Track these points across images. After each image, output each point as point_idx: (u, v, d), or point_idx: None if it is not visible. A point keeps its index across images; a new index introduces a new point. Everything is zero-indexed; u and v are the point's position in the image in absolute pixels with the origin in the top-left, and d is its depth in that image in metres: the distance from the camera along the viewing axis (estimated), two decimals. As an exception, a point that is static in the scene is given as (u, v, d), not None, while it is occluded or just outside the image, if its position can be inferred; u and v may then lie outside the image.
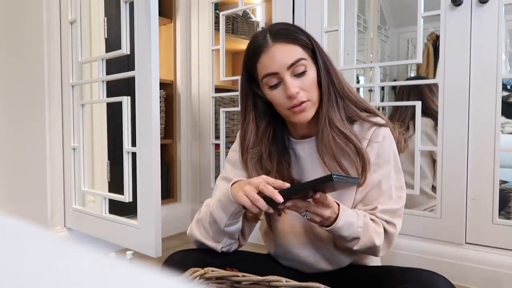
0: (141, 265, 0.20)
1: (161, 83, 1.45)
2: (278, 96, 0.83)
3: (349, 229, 0.77)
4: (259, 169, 0.88)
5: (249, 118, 0.89)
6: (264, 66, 0.82)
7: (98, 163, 1.83)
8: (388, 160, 0.85)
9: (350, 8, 1.70)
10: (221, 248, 0.86)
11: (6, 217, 0.26)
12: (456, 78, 1.34)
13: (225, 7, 2.26)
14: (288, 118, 0.86)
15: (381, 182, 0.83)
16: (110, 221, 1.46)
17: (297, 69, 0.81)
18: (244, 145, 0.90)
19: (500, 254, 1.29)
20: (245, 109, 0.90)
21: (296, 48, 0.82)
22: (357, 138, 0.84)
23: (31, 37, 1.62)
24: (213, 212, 0.82)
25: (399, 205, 0.84)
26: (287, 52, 0.81)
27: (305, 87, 0.82)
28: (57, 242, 0.23)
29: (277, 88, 0.82)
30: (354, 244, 0.80)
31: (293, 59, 0.80)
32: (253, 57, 0.84)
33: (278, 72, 0.81)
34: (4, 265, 0.19)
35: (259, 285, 0.69)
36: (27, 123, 1.68)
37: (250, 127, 0.88)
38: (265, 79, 0.83)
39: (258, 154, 0.88)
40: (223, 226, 0.81)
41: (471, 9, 1.31)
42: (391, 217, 0.82)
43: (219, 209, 0.81)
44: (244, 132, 0.90)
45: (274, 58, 0.81)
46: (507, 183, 1.87)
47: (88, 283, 0.17)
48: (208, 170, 2.01)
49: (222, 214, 0.81)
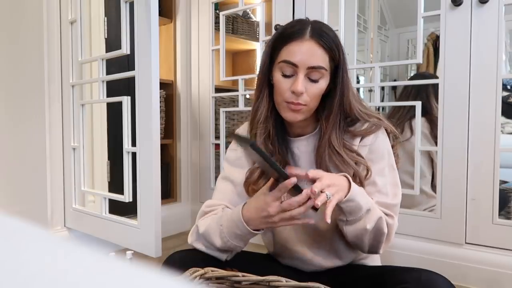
0: (141, 265, 0.20)
1: (161, 83, 1.45)
2: (284, 85, 0.83)
3: (363, 197, 0.76)
4: (266, 147, 0.89)
5: (264, 94, 0.89)
6: (289, 53, 0.82)
7: (98, 163, 1.83)
8: (382, 156, 0.85)
9: (350, 8, 1.70)
10: (225, 258, 0.86)
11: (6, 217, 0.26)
12: (456, 78, 1.34)
13: (225, 7, 2.26)
14: (280, 110, 0.87)
15: (375, 179, 0.84)
16: (110, 221, 1.46)
17: (313, 74, 0.81)
18: (255, 120, 0.89)
19: (500, 254, 1.29)
20: (261, 85, 0.90)
21: (324, 55, 0.82)
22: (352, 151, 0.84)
23: (31, 37, 1.62)
24: (228, 243, 0.81)
25: (395, 201, 0.84)
26: (316, 54, 0.81)
27: (310, 93, 0.82)
28: (57, 242, 0.23)
29: (287, 78, 0.83)
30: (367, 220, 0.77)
31: (317, 63, 0.81)
32: (284, 39, 0.83)
33: (298, 66, 0.81)
34: (4, 265, 0.19)
35: (259, 285, 0.69)
36: (27, 123, 1.68)
37: (264, 104, 0.89)
38: (282, 64, 0.83)
39: (266, 130, 0.89)
40: (240, 250, 0.84)
41: (471, 9, 1.31)
42: (389, 210, 0.82)
43: (237, 240, 0.81)
44: (257, 107, 0.89)
45: (302, 51, 0.81)
46: (507, 183, 1.87)
47: (88, 283, 0.17)
48: (208, 170, 2.01)
49: (240, 243, 0.82)
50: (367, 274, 0.86)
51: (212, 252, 0.84)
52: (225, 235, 0.81)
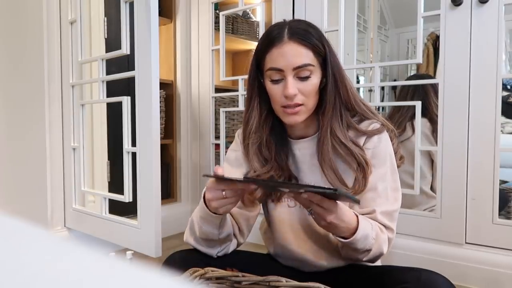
0: (141, 265, 0.20)
1: (161, 83, 1.45)
2: (276, 92, 0.83)
3: (364, 242, 0.76)
4: (259, 155, 0.89)
5: (254, 104, 0.89)
6: (272, 60, 0.82)
7: (98, 163, 1.82)
8: (384, 161, 0.85)
9: (350, 8, 1.70)
10: (216, 254, 0.87)
11: (6, 216, 0.26)
12: (456, 78, 1.34)
13: (225, 7, 2.26)
14: (279, 116, 0.87)
15: (377, 184, 0.83)
16: (110, 221, 1.46)
17: (302, 72, 0.81)
18: (247, 130, 0.90)
19: (500, 254, 1.29)
20: (250, 95, 0.90)
21: (307, 52, 0.81)
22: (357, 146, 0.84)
23: (31, 37, 1.62)
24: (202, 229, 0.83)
25: (395, 206, 0.84)
26: (298, 54, 0.80)
27: (304, 91, 0.82)
28: (57, 242, 0.23)
29: (278, 84, 0.83)
30: (364, 256, 0.79)
31: (301, 62, 0.80)
32: (265, 47, 0.84)
33: (283, 70, 0.81)
34: (4, 265, 0.19)
35: (259, 285, 0.69)
36: (27, 123, 1.68)
37: (254, 113, 0.89)
38: (269, 72, 0.83)
39: (259, 140, 0.89)
40: (217, 237, 0.84)
41: (471, 9, 1.31)
42: (389, 221, 0.82)
43: (206, 224, 0.83)
44: (248, 118, 0.90)
45: (283, 55, 0.80)
46: (507, 183, 1.87)
47: (88, 283, 0.17)
48: (208, 170, 2.01)
49: (210, 228, 0.83)
50: (367, 274, 0.86)
51: (202, 247, 0.87)
52: (198, 221, 0.84)
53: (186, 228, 0.91)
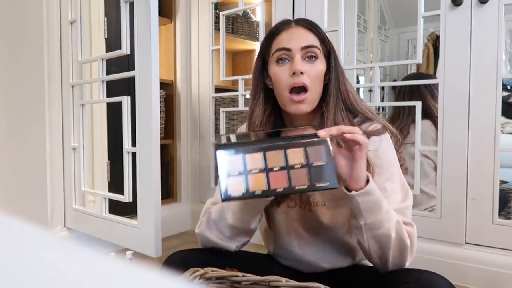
0: (141, 265, 0.20)
1: (161, 83, 1.45)
2: (283, 73, 0.83)
3: (379, 204, 0.72)
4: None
5: (259, 97, 0.90)
6: (280, 41, 0.85)
7: (98, 163, 1.83)
8: (390, 162, 0.83)
9: (350, 8, 1.70)
10: (235, 248, 0.87)
11: (6, 216, 0.26)
12: (456, 78, 1.34)
13: (225, 7, 2.26)
14: (284, 106, 0.86)
15: (385, 184, 0.81)
16: (110, 221, 1.46)
17: (309, 53, 0.83)
18: (251, 121, 0.90)
19: (500, 254, 1.29)
20: (256, 89, 0.91)
21: (314, 38, 0.85)
22: None
23: (31, 37, 1.62)
24: (237, 215, 0.82)
25: (407, 203, 0.82)
26: (305, 35, 0.84)
27: (310, 74, 0.82)
28: (57, 242, 0.23)
29: (284, 65, 0.84)
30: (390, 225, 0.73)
31: (309, 42, 0.83)
32: (272, 36, 0.87)
33: (291, 49, 0.83)
34: (4, 265, 0.19)
35: (259, 285, 0.68)
36: (27, 123, 1.68)
37: (259, 106, 0.90)
38: (276, 53, 0.84)
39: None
40: (249, 226, 0.84)
41: (471, 9, 1.31)
42: (404, 217, 0.80)
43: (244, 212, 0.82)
44: (253, 109, 0.90)
45: (292, 36, 0.84)
46: (507, 183, 1.87)
47: (88, 283, 0.17)
48: (208, 170, 2.01)
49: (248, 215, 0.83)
50: (367, 274, 0.86)
51: (222, 242, 0.85)
52: (234, 209, 0.82)
53: (201, 222, 0.89)
